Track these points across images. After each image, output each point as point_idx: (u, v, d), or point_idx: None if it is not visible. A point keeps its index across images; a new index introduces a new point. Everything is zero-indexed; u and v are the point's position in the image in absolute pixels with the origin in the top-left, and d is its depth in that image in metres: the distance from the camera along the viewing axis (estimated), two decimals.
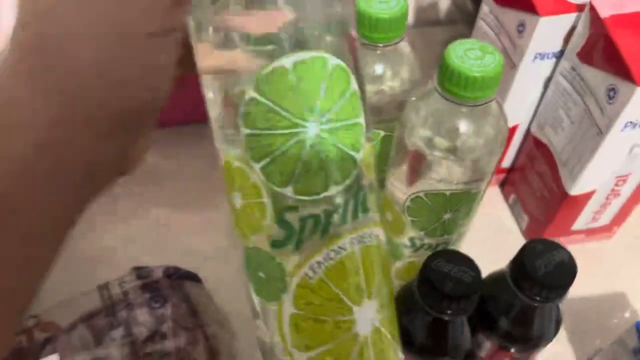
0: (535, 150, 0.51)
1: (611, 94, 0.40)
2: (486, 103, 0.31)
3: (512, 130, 0.52)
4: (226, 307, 0.46)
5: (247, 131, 0.22)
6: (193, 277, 0.45)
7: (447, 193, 0.35)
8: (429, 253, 0.39)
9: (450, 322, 0.33)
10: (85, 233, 0.37)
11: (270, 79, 0.21)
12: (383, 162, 0.40)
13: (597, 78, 0.41)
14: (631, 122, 0.40)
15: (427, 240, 0.39)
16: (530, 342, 0.35)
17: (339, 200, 0.23)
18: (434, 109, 0.33)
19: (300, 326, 0.25)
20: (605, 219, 0.52)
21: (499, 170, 0.57)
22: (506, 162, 0.56)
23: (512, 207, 0.57)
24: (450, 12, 0.71)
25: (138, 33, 0.19)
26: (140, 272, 0.45)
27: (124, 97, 0.20)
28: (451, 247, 0.41)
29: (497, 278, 0.35)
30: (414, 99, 0.35)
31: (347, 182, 0.23)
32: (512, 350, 0.35)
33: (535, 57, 0.45)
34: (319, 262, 0.23)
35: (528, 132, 0.52)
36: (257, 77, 0.21)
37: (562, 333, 0.49)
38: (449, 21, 0.72)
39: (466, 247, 0.43)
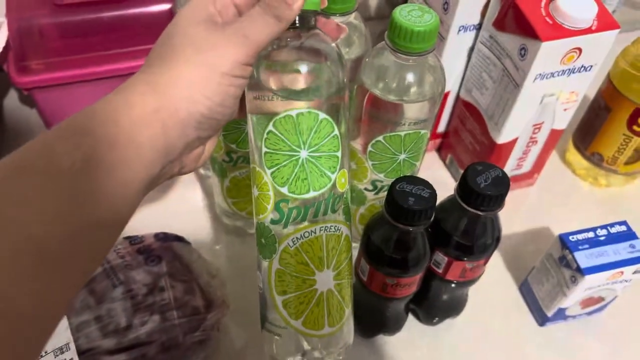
0: (465, 112, 0.59)
1: (522, 52, 0.49)
2: (427, 54, 0.39)
3: (444, 98, 0.60)
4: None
5: (265, 149, 0.34)
6: (181, 239, 0.50)
7: (402, 134, 0.42)
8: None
9: (413, 234, 0.40)
10: None
11: (282, 120, 0.33)
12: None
13: (511, 41, 0.50)
14: (540, 74, 0.49)
15: (386, 182, 0.46)
16: (478, 250, 0.42)
17: (315, 201, 0.35)
18: (386, 63, 0.41)
19: (281, 278, 0.37)
20: (527, 165, 0.61)
21: (434, 135, 0.65)
22: (441, 128, 0.65)
23: (449, 166, 0.66)
24: (380, 7, 0.79)
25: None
26: (131, 239, 0.49)
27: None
28: None
29: (447, 202, 0.43)
30: (368, 59, 0.42)
31: (322, 190, 0.35)
32: (465, 259, 0.43)
33: (459, 30, 0.54)
34: (297, 238, 0.36)
35: (457, 98, 0.61)
36: (275, 119, 0.33)
37: (500, 263, 0.58)
38: (379, 16, 0.80)
39: None
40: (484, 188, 0.39)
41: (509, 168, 0.60)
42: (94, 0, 0.58)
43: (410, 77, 0.41)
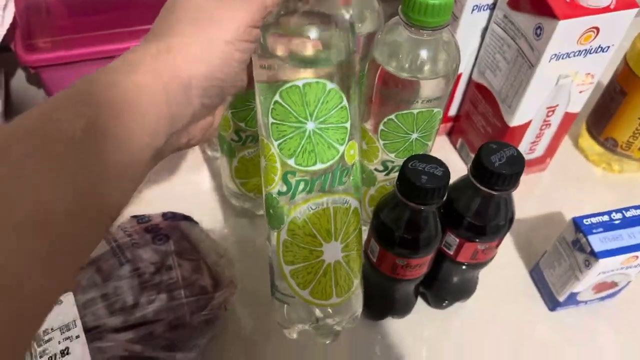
0: (478, 94, 0.58)
1: (538, 31, 0.48)
2: (442, 28, 0.38)
3: (456, 80, 0.59)
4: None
5: (272, 120, 0.34)
6: (189, 219, 0.49)
7: (415, 112, 0.42)
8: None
9: (424, 214, 0.39)
10: None
11: (289, 91, 0.33)
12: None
13: (526, 20, 0.49)
14: (555, 55, 0.48)
15: (397, 162, 0.46)
16: (491, 231, 0.42)
17: (323, 173, 0.34)
18: (399, 39, 0.40)
19: (289, 248, 0.37)
20: (539, 150, 0.60)
21: (445, 119, 0.64)
22: (452, 111, 0.64)
23: (460, 151, 0.65)
24: None
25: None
26: (139, 218, 0.48)
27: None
28: None
29: (460, 182, 0.42)
30: (380, 35, 0.41)
31: (330, 163, 0.34)
32: (477, 241, 0.42)
33: (473, 10, 0.53)
34: (304, 210, 0.35)
35: (469, 81, 0.60)
36: (281, 89, 0.33)
37: (510, 246, 0.57)
38: None
39: None
40: (498, 167, 0.38)
41: (522, 152, 0.58)
42: None
43: (424, 53, 0.40)
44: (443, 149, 0.66)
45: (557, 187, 0.63)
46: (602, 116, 0.61)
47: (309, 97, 0.33)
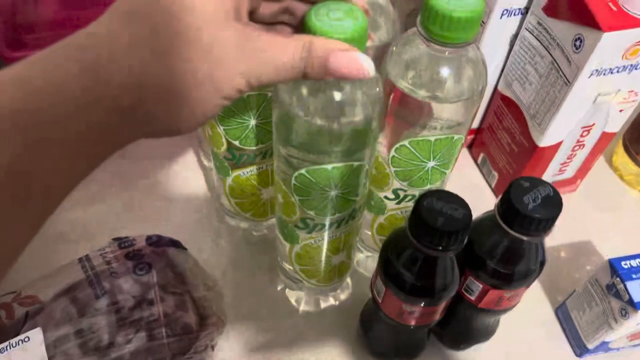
0: (504, 108, 0.52)
1: (577, 43, 0.42)
2: (466, 45, 0.32)
3: None
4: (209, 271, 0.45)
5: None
6: (176, 244, 0.44)
7: (432, 139, 0.36)
8: (410, 205, 0.40)
9: (441, 260, 0.34)
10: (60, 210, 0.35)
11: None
12: None
13: (563, 29, 0.43)
14: (597, 70, 0.42)
15: (410, 191, 0.40)
16: (519, 278, 0.36)
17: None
18: (416, 55, 0.34)
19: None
20: (570, 171, 0.54)
21: None
22: (474, 123, 0.58)
23: (481, 166, 0.59)
24: None
25: None
26: (121, 242, 0.44)
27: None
28: None
29: (483, 220, 0.36)
30: (395, 47, 0.35)
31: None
32: (503, 288, 0.37)
33: (502, 14, 0.47)
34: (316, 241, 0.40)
35: (494, 91, 0.54)
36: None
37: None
38: None
39: None
40: (532, 209, 0.32)
41: (550, 173, 0.53)
42: None
43: (445, 72, 0.34)
44: (463, 164, 0.60)
45: (588, 211, 0.57)
46: None
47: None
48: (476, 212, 0.39)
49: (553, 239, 0.53)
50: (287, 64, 0.25)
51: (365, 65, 0.26)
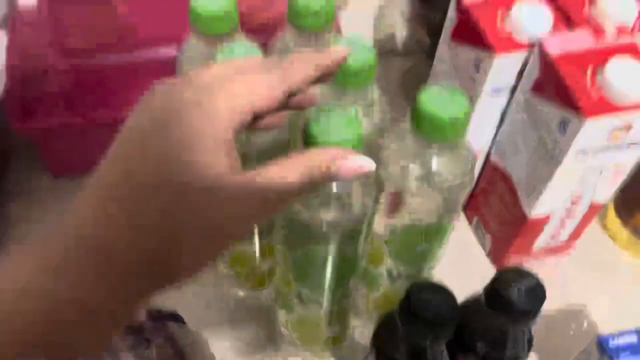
0: (495, 176, 0.54)
1: (563, 125, 0.43)
2: (455, 141, 0.34)
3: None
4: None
5: None
6: (177, 318, 0.45)
7: (423, 225, 0.37)
8: (404, 282, 0.42)
9: (430, 349, 0.35)
10: None
11: None
12: None
13: (550, 111, 0.44)
14: (582, 151, 0.44)
15: (403, 270, 0.42)
16: (510, 358, 0.37)
17: None
18: (407, 149, 0.36)
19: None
20: (562, 237, 0.55)
21: None
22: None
23: (475, 229, 0.60)
24: (407, 43, 0.74)
25: None
26: None
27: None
28: (425, 274, 0.43)
29: (472, 304, 0.38)
30: (387, 140, 0.37)
31: None
32: None
33: (492, 91, 0.48)
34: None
35: (488, 157, 0.55)
36: None
37: None
38: (406, 52, 0.75)
39: (434, 269, 0.46)
40: (517, 300, 0.34)
41: (542, 241, 0.54)
42: (98, 45, 0.54)
43: (433, 165, 0.36)
44: (458, 225, 0.61)
45: (579, 275, 0.58)
46: (633, 202, 0.56)
47: None
48: (469, 277, 0.41)
49: (545, 304, 0.54)
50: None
51: (366, 165, 0.27)
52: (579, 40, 0.44)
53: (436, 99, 0.32)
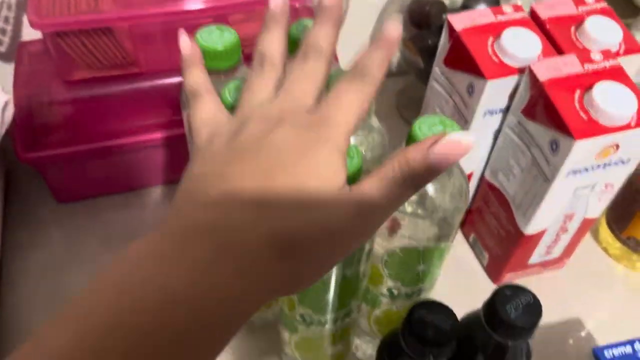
0: (490, 194, 0.56)
1: (554, 146, 0.45)
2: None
3: (468, 177, 0.57)
4: None
5: None
6: None
7: (420, 248, 0.39)
8: (405, 301, 0.43)
9: None
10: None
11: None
12: None
13: (541, 132, 0.46)
14: (573, 170, 0.45)
15: (403, 290, 0.43)
16: None
17: None
18: None
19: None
20: (557, 252, 0.57)
21: None
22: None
23: (472, 246, 0.62)
24: (400, 64, 0.77)
25: None
26: None
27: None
28: (425, 293, 0.45)
29: (472, 321, 0.39)
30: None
31: None
32: None
33: (485, 114, 0.50)
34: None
35: (483, 176, 0.57)
36: None
37: None
38: (399, 72, 0.77)
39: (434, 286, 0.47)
40: (514, 318, 0.35)
41: (537, 256, 0.56)
42: (103, 76, 0.56)
43: (428, 191, 0.37)
44: (456, 242, 0.62)
45: (574, 286, 0.59)
46: (623, 215, 0.58)
47: None
48: (468, 292, 0.42)
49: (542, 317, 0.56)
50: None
51: (464, 140, 0.26)
52: (566, 64, 0.46)
53: (430, 129, 0.34)
